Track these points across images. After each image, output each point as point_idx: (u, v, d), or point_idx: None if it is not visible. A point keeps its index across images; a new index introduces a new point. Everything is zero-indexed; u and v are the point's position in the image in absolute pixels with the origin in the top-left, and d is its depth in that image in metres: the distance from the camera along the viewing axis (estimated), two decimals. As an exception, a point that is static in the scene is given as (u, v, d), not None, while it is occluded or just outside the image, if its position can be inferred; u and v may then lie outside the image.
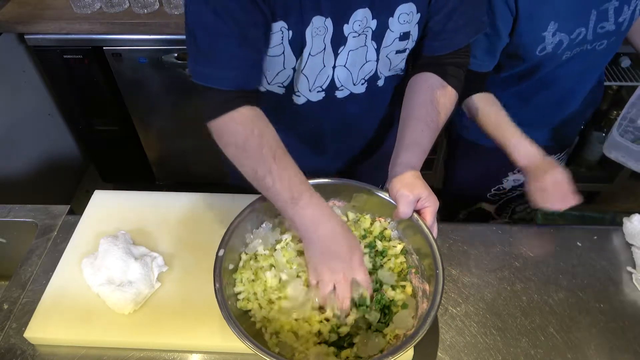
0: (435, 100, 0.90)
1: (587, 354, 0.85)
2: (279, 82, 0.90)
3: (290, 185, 0.77)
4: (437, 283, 0.77)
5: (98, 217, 1.04)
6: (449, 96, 0.92)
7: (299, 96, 0.92)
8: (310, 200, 0.78)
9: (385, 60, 0.89)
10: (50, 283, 0.92)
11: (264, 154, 0.77)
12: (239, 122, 0.78)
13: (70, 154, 2.44)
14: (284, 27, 0.79)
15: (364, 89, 0.93)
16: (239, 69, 0.78)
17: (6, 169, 1.96)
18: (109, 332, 0.85)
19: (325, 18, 0.80)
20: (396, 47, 0.87)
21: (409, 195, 0.82)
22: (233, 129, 0.78)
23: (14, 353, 0.85)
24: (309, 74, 0.87)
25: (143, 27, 1.74)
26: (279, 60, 0.84)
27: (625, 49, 1.89)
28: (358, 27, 0.82)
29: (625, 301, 0.93)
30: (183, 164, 2.30)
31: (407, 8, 0.82)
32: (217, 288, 0.78)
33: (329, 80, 0.89)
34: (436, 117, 0.89)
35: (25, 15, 1.76)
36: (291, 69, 0.86)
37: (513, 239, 1.04)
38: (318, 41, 0.82)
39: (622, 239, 1.04)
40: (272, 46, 0.82)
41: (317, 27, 0.80)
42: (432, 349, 0.86)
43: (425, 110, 0.89)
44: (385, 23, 0.83)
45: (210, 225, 1.02)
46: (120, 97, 2.00)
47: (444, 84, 0.91)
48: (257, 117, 0.80)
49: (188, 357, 0.85)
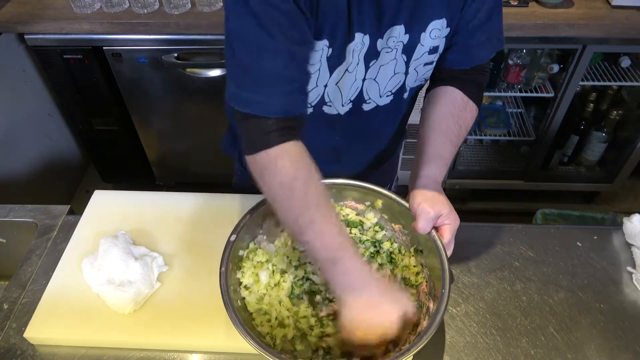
0: (457, 115, 0.88)
1: (587, 354, 0.85)
2: (309, 101, 0.86)
3: (330, 245, 0.72)
4: (440, 302, 0.75)
5: (98, 217, 1.04)
6: (470, 111, 0.91)
7: (330, 106, 0.89)
8: (347, 266, 0.72)
9: (413, 73, 0.88)
10: (50, 283, 0.92)
11: (308, 201, 0.72)
12: (286, 160, 0.72)
13: (70, 154, 2.44)
14: (325, 45, 0.77)
15: (389, 101, 0.92)
16: (286, 93, 0.72)
17: (6, 169, 1.96)
18: (109, 332, 0.85)
19: (364, 34, 0.78)
20: (425, 60, 0.86)
21: (429, 212, 0.79)
22: (280, 167, 0.71)
23: (14, 353, 0.85)
24: (343, 88, 0.86)
25: (143, 27, 1.74)
26: (313, 77, 0.82)
27: (625, 49, 1.90)
28: (392, 43, 0.81)
29: (625, 301, 0.93)
30: (183, 164, 2.30)
31: (440, 24, 0.81)
32: (222, 271, 0.78)
33: (358, 92, 0.88)
34: (457, 131, 0.88)
35: (25, 15, 1.76)
36: (323, 86, 0.84)
37: (513, 239, 1.04)
38: (355, 57, 0.81)
39: (622, 239, 1.04)
40: (311, 64, 0.79)
41: (356, 43, 0.78)
42: (432, 348, 0.86)
43: (447, 124, 0.88)
44: (417, 38, 0.81)
45: (210, 225, 1.02)
46: (120, 97, 2.00)
47: (465, 98, 0.90)
48: (303, 156, 0.74)
49: (188, 357, 0.85)
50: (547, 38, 1.76)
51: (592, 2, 1.79)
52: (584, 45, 1.78)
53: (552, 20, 1.70)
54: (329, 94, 0.86)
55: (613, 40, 1.77)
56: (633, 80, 1.98)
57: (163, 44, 1.79)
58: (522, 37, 1.75)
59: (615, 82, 1.97)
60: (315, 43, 0.76)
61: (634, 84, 1.98)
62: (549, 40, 1.78)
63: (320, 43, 0.76)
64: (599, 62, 2.04)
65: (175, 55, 1.80)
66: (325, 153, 1.02)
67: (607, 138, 2.16)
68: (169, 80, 1.91)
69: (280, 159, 0.72)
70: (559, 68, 1.97)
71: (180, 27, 1.71)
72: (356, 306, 0.72)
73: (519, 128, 2.29)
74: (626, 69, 2.00)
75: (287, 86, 0.72)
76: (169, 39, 1.77)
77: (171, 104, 2.02)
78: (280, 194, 0.73)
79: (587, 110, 2.11)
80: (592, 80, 1.98)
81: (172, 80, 1.90)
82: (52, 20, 1.75)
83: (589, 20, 1.70)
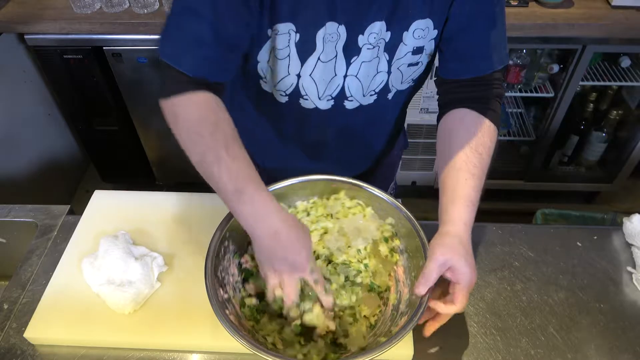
0: (475, 143, 0.81)
1: (587, 354, 0.85)
2: (282, 90, 0.88)
3: (236, 177, 0.73)
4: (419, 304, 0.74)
5: (98, 217, 1.04)
6: (489, 133, 0.83)
7: (307, 100, 0.90)
8: (253, 195, 0.73)
9: (397, 73, 0.87)
10: (50, 283, 0.92)
11: (216, 140, 0.73)
12: (196, 105, 0.75)
13: (70, 154, 2.44)
14: (292, 29, 0.78)
15: (372, 101, 0.91)
16: (203, 58, 0.75)
17: (6, 169, 1.96)
18: (109, 332, 0.85)
19: (339, 25, 0.78)
20: (408, 60, 0.85)
21: (438, 258, 0.74)
22: (188, 110, 0.75)
23: (14, 353, 0.85)
24: (318, 80, 0.86)
25: (143, 27, 1.74)
26: (283, 63, 0.83)
27: (625, 49, 1.90)
28: (373, 39, 0.81)
29: (625, 301, 0.93)
30: (183, 164, 2.26)
31: (424, 24, 0.80)
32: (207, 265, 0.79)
33: (339, 89, 0.88)
34: (479, 162, 0.80)
35: (25, 15, 1.76)
36: (295, 75, 0.85)
37: (513, 239, 1.04)
38: (329, 47, 0.81)
39: (622, 239, 1.04)
40: (280, 48, 0.80)
41: (330, 32, 0.79)
42: (432, 348, 0.86)
43: (466, 157, 0.80)
44: (399, 36, 0.81)
45: (210, 225, 1.02)
46: (120, 97, 2.00)
47: (480, 118, 0.83)
48: (215, 103, 0.76)
49: (188, 357, 0.85)
50: (547, 38, 1.76)
51: (592, 2, 1.79)
52: (584, 45, 1.79)
53: (552, 20, 1.70)
54: (304, 85, 0.86)
55: (613, 40, 1.77)
56: (633, 80, 1.98)
57: (163, 44, 1.79)
58: (522, 37, 1.75)
59: (615, 82, 1.97)
60: (278, 26, 0.77)
61: (634, 84, 1.98)
62: (549, 40, 1.78)
63: (283, 26, 0.77)
64: (599, 62, 2.04)
65: (175, 55, 1.80)
66: (313, 149, 1.03)
67: (607, 138, 2.16)
68: (169, 80, 1.91)
69: (191, 104, 0.75)
70: (559, 68, 1.97)
71: (180, 27, 1.71)
72: (262, 234, 0.73)
73: (519, 128, 2.29)
74: (626, 69, 2.01)
75: (204, 51, 0.74)
76: (169, 39, 1.77)
77: (171, 104, 2.01)
78: (189, 138, 0.75)
79: (587, 110, 2.11)
80: (592, 80, 1.98)
81: (172, 80, 1.90)
82: (52, 20, 1.75)
83: (589, 20, 1.70)
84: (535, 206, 1.98)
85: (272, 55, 0.82)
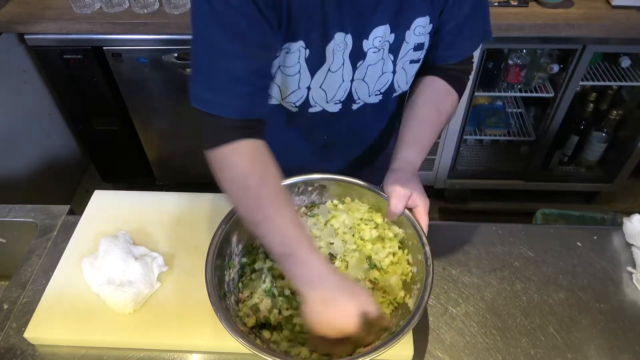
0: (439, 103, 0.91)
1: (587, 354, 0.85)
2: (292, 101, 0.87)
3: (286, 238, 0.72)
4: (427, 276, 0.77)
5: (98, 217, 1.04)
6: (452, 100, 0.93)
7: (315, 105, 0.90)
8: (304, 258, 0.71)
9: (401, 72, 0.88)
10: (50, 283, 0.92)
11: (263, 198, 0.72)
12: (241, 156, 0.73)
13: (70, 154, 2.44)
14: (302, 46, 0.77)
15: (377, 100, 0.92)
16: (242, 95, 0.73)
17: (6, 169, 1.96)
18: (109, 332, 0.85)
19: (346, 34, 0.78)
20: (410, 57, 0.87)
21: (400, 190, 0.82)
22: (234, 162, 0.73)
23: (14, 353, 0.85)
24: (327, 89, 0.86)
25: (143, 27, 1.74)
26: (294, 79, 0.82)
27: (625, 49, 1.90)
28: (378, 42, 0.81)
29: (625, 301, 0.93)
30: (183, 164, 2.30)
31: (423, 21, 0.81)
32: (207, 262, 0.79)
33: (347, 93, 0.88)
34: (437, 119, 0.90)
35: (25, 15, 1.76)
36: (305, 88, 0.84)
37: (513, 239, 1.04)
38: (338, 57, 0.81)
39: (622, 239, 1.04)
40: (290, 65, 0.80)
41: (338, 43, 0.79)
42: (432, 348, 0.86)
43: (428, 111, 0.90)
44: (402, 36, 0.82)
45: (210, 225, 1.02)
46: (120, 97, 2.00)
47: (448, 88, 0.92)
48: (260, 153, 0.75)
49: (188, 357, 0.85)
50: (547, 38, 1.76)
51: (592, 2, 1.79)
52: (584, 45, 1.79)
53: (552, 20, 1.70)
54: (314, 96, 0.87)
55: (613, 40, 1.77)
56: (633, 80, 1.98)
57: (163, 44, 1.79)
58: (522, 37, 1.75)
59: (615, 82, 1.97)
60: (290, 45, 0.77)
61: (634, 84, 1.98)
62: (549, 40, 1.78)
63: (295, 45, 0.77)
64: (599, 62, 2.04)
65: (175, 55, 1.80)
66: (317, 152, 1.03)
67: (607, 138, 2.16)
68: (169, 80, 1.91)
69: (235, 155, 0.73)
70: (559, 68, 1.97)
71: (180, 27, 1.71)
72: (313, 300, 0.71)
73: (518, 128, 2.29)
74: (626, 69, 2.00)
75: (243, 88, 0.73)
76: (169, 39, 1.77)
77: (171, 104, 2.01)
78: (235, 190, 0.74)
79: (587, 110, 2.11)
80: (592, 80, 1.98)
81: (172, 80, 1.90)
82: (52, 20, 1.75)
83: (589, 20, 1.70)
84: (535, 206, 1.98)
85: (279, 73, 0.82)
